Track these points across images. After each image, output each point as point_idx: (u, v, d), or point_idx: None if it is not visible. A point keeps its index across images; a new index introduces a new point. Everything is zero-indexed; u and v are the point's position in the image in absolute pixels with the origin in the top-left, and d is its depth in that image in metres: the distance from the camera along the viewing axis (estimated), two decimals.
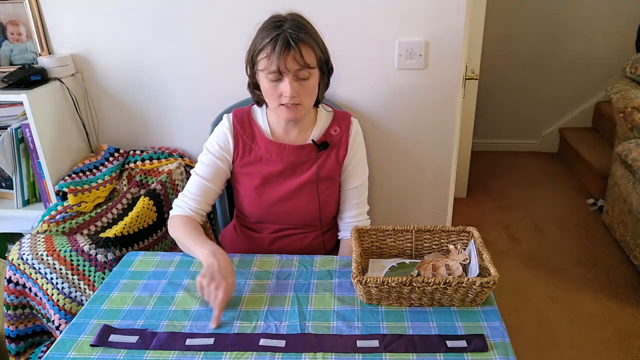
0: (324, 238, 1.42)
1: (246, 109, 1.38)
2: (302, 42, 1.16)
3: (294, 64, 1.16)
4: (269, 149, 1.32)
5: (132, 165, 1.79)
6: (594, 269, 2.39)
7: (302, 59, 1.16)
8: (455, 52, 1.61)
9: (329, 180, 1.36)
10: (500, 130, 3.82)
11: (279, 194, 1.34)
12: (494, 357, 0.93)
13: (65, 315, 1.42)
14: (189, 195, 1.33)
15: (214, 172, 1.34)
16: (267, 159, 1.33)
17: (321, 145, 1.33)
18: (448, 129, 1.72)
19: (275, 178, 1.33)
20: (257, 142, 1.33)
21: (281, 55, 1.14)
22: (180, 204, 1.34)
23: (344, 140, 1.36)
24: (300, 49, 1.15)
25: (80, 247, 1.41)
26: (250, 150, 1.33)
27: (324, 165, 1.34)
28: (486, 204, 3.06)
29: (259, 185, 1.33)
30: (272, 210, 1.36)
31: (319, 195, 1.34)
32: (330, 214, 1.41)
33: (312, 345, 0.98)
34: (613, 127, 2.72)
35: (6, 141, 1.64)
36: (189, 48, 1.71)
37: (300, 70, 1.17)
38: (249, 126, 1.34)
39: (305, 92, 1.22)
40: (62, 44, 1.75)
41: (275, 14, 1.22)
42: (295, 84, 1.19)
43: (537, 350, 1.91)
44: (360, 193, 1.40)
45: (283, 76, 1.18)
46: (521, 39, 3.52)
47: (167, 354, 0.96)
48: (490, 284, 1.01)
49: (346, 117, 1.39)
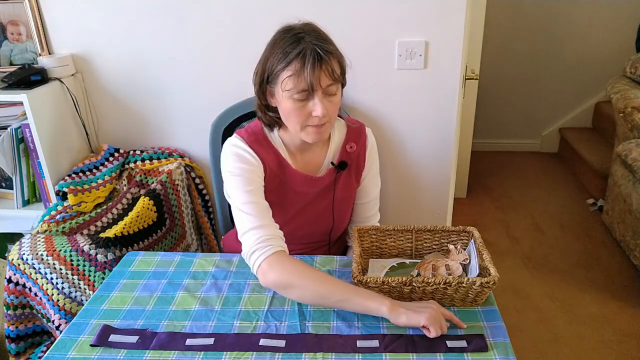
0: (334, 248, 1.40)
1: (259, 132, 1.20)
2: (332, 55, 1.05)
3: (327, 79, 1.05)
4: (293, 178, 1.21)
5: (132, 165, 1.79)
6: (594, 269, 2.39)
7: (334, 72, 1.05)
8: (455, 52, 1.61)
9: (348, 199, 1.31)
10: (500, 130, 3.82)
11: (299, 223, 1.27)
12: (494, 357, 0.93)
13: (65, 315, 1.42)
14: (267, 227, 1.09)
15: (259, 189, 1.14)
16: (292, 190, 1.22)
17: (340, 166, 1.24)
18: (448, 129, 1.72)
19: (297, 207, 1.25)
20: (283, 169, 1.20)
21: (314, 71, 1.02)
22: (267, 241, 1.07)
23: (362, 156, 1.28)
24: (331, 62, 1.05)
25: (80, 247, 1.41)
26: (276, 177, 1.20)
27: (343, 186, 1.27)
28: (486, 204, 3.06)
29: (277, 213, 1.17)
30: (288, 236, 1.16)
31: (334, 218, 1.29)
32: (344, 227, 1.38)
33: (312, 345, 0.98)
34: (613, 127, 2.72)
35: (6, 141, 1.64)
36: (189, 48, 1.71)
37: (330, 85, 1.06)
38: (271, 151, 1.19)
39: (333, 109, 1.10)
40: (62, 44, 1.75)
41: (287, 26, 1.09)
42: (325, 101, 1.07)
43: (537, 350, 1.91)
44: (372, 206, 1.37)
45: (313, 94, 1.06)
46: (521, 39, 3.52)
47: (167, 354, 0.96)
48: (490, 284, 1.01)
49: (361, 130, 1.29)
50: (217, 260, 1.27)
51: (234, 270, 1.23)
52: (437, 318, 0.97)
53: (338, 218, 1.31)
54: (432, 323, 0.95)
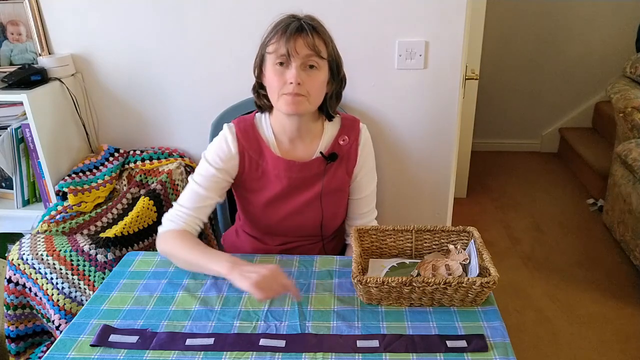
0: (331, 245, 1.41)
1: (249, 120, 1.29)
2: (316, 31, 1.14)
3: (304, 48, 1.12)
4: (276, 165, 1.26)
5: (132, 165, 1.79)
6: (594, 269, 2.39)
7: (314, 43, 1.12)
8: (455, 52, 1.61)
9: (339, 192, 1.32)
10: (500, 130, 3.82)
11: (287, 210, 1.30)
12: (494, 357, 0.93)
13: (65, 315, 1.42)
14: (185, 206, 1.24)
15: (214, 184, 1.25)
16: (274, 176, 1.27)
17: (329, 157, 1.27)
18: (448, 129, 1.72)
19: (283, 195, 1.28)
20: (264, 157, 1.26)
21: (292, 37, 1.11)
22: (173, 218, 1.24)
23: (354, 150, 1.30)
24: (312, 35, 1.13)
25: (80, 247, 1.41)
26: (258, 166, 1.27)
27: (333, 177, 1.29)
28: (486, 204, 3.06)
29: (266, 202, 1.28)
30: (279, 225, 1.32)
31: (323, 209, 1.30)
32: (338, 224, 1.39)
33: (312, 345, 0.98)
34: (613, 127, 2.72)
35: (6, 141, 1.64)
36: (190, 48, 1.71)
37: (310, 56, 1.13)
38: (255, 140, 1.26)
39: (311, 83, 1.15)
40: (62, 44, 1.75)
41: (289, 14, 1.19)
42: (302, 72, 1.14)
43: (537, 350, 1.91)
44: (368, 202, 1.37)
45: (291, 61, 1.13)
46: (521, 39, 3.52)
47: (167, 354, 0.96)
48: (490, 284, 1.01)
49: (355, 124, 1.32)
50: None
51: None
52: (266, 282, 1.00)
53: (327, 210, 1.31)
54: (257, 289, 0.99)
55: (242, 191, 1.32)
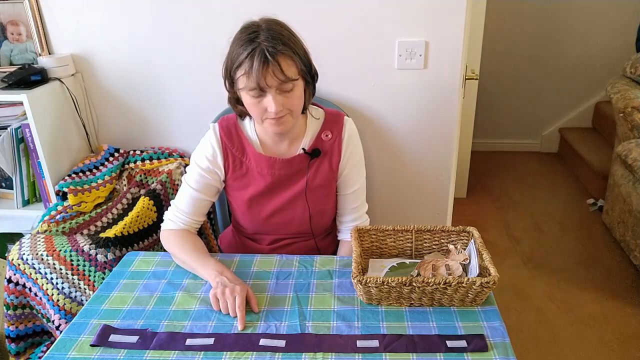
0: (325, 243, 1.41)
1: (232, 119, 1.30)
2: (281, 55, 1.08)
3: (274, 79, 1.09)
4: (258, 162, 1.27)
5: (132, 165, 1.79)
6: (594, 269, 2.39)
7: (282, 73, 1.09)
8: (455, 52, 1.61)
9: (323, 188, 1.31)
10: (500, 130, 3.82)
11: (272, 207, 1.31)
12: (494, 357, 0.93)
13: (65, 315, 1.42)
14: (181, 209, 1.29)
15: (204, 186, 1.29)
16: (257, 173, 1.28)
17: (312, 153, 1.27)
18: (448, 129, 1.72)
19: (266, 192, 1.29)
20: (247, 155, 1.28)
21: (260, 72, 1.07)
22: (172, 218, 1.30)
23: (337, 146, 1.29)
24: (279, 63, 1.08)
25: (80, 247, 1.41)
26: (241, 163, 1.29)
27: (316, 173, 1.29)
28: (486, 204, 3.06)
29: (250, 198, 1.30)
30: (267, 222, 1.33)
31: (309, 205, 1.30)
32: (327, 221, 1.38)
33: (312, 345, 0.98)
34: (613, 127, 2.72)
35: (6, 141, 1.64)
36: (189, 48, 1.71)
37: (282, 84, 1.10)
38: (237, 138, 1.28)
39: (290, 104, 1.15)
40: (62, 44, 1.75)
41: (248, 23, 1.14)
42: (279, 97, 1.12)
43: (537, 350, 1.91)
44: (357, 197, 1.36)
45: (266, 92, 1.11)
46: (521, 39, 3.52)
47: (167, 354, 0.96)
48: (490, 284, 1.01)
49: (338, 119, 1.31)
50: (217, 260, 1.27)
51: (234, 269, 1.23)
52: (223, 298, 1.08)
53: (314, 206, 1.31)
54: (213, 299, 1.09)
55: (230, 190, 1.34)
